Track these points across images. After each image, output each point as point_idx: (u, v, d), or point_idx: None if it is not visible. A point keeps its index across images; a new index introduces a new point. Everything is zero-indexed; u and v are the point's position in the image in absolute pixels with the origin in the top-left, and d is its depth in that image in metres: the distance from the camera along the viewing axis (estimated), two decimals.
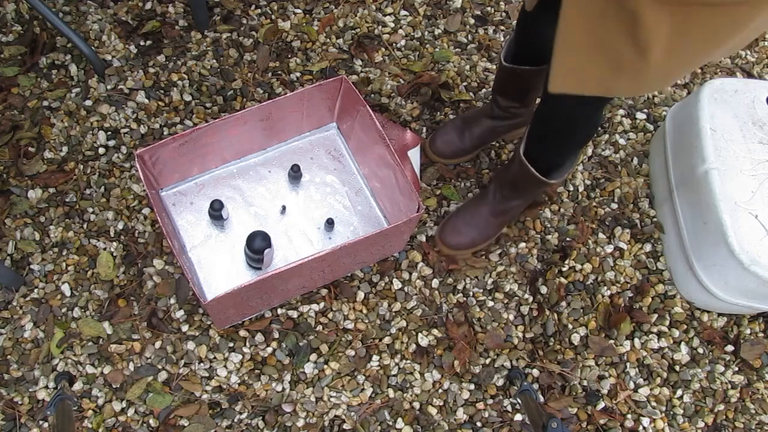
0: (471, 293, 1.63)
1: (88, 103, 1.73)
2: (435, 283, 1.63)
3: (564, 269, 1.68)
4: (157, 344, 1.50)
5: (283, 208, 1.61)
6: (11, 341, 1.48)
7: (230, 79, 1.80)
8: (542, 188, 1.59)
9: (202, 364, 1.49)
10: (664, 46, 0.87)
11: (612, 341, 1.61)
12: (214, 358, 1.50)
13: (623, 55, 0.92)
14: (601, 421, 1.54)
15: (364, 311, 1.58)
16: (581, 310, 1.63)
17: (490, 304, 1.62)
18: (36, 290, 1.53)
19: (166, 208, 1.58)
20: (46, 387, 1.45)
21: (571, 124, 1.29)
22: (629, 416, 1.56)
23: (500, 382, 1.55)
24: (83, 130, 1.70)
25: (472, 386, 1.54)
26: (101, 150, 1.69)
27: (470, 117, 1.73)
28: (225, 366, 1.50)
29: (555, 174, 1.46)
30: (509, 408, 1.53)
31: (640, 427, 1.56)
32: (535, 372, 1.57)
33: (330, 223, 1.57)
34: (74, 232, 1.59)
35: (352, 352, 1.54)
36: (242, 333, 1.52)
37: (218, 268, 1.54)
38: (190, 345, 1.50)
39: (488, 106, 1.70)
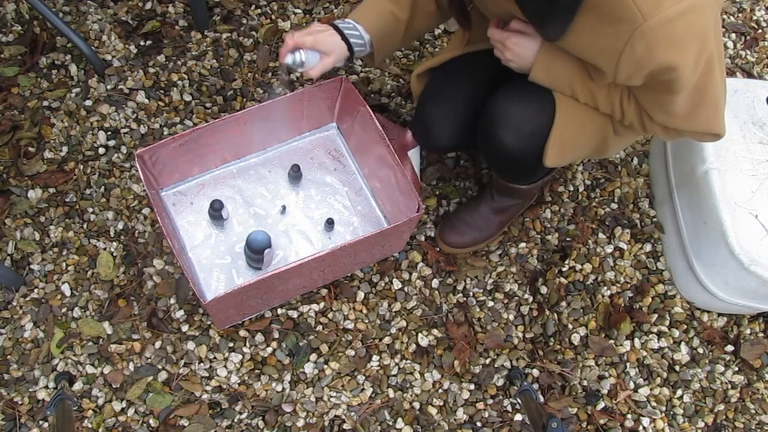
0: (471, 293, 1.63)
1: (88, 103, 1.73)
2: (435, 283, 1.63)
3: (564, 269, 1.68)
4: (157, 344, 1.50)
5: (283, 208, 1.61)
6: (11, 341, 1.48)
7: (230, 79, 1.80)
8: (532, 190, 1.60)
9: (202, 364, 1.49)
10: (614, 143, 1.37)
11: (612, 341, 1.61)
12: (214, 358, 1.50)
13: (594, 146, 1.35)
14: (601, 421, 1.54)
15: (364, 311, 1.58)
16: (581, 310, 1.63)
17: (490, 304, 1.62)
18: (36, 290, 1.53)
19: (166, 208, 1.58)
20: (46, 387, 1.45)
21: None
22: (629, 416, 1.56)
23: (500, 382, 1.55)
24: (83, 130, 1.70)
25: (472, 386, 1.54)
26: (101, 150, 1.68)
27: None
28: (225, 366, 1.50)
29: (533, 182, 1.53)
30: (509, 408, 1.53)
31: (640, 427, 1.56)
32: (535, 372, 1.57)
33: (330, 223, 1.57)
34: (74, 232, 1.59)
35: (352, 352, 1.54)
36: (242, 333, 1.52)
37: (218, 268, 1.54)
38: (190, 345, 1.50)
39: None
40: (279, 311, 1.55)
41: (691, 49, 1.01)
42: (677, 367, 1.62)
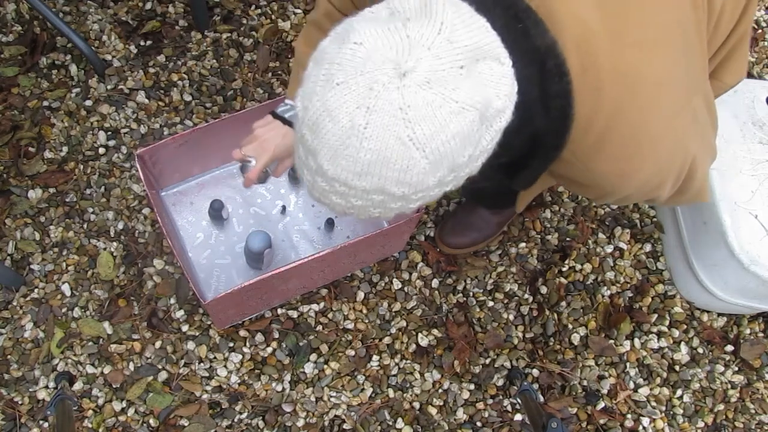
0: (471, 293, 1.63)
1: (88, 103, 1.73)
2: (435, 283, 1.63)
3: (564, 269, 1.68)
4: (157, 344, 1.50)
5: (283, 208, 1.61)
6: (11, 341, 1.48)
7: (230, 79, 1.80)
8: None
9: (202, 364, 1.49)
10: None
11: (612, 341, 1.61)
12: (214, 358, 1.50)
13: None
14: (601, 421, 1.54)
15: (364, 311, 1.58)
16: (581, 310, 1.63)
17: (490, 304, 1.62)
18: (36, 290, 1.53)
19: (166, 208, 1.58)
20: (46, 387, 1.45)
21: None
22: (629, 416, 1.56)
23: (500, 382, 1.55)
24: (83, 130, 1.70)
25: (472, 386, 1.54)
26: (101, 150, 1.68)
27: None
28: (225, 366, 1.50)
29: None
30: (509, 408, 1.54)
31: (640, 427, 1.56)
32: (535, 372, 1.57)
33: (330, 223, 1.57)
34: (74, 232, 1.59)
35: (352, 352, 1.54)
36: (242, 333, 1.52)
37: (218, 268, 1.54)
38: (190, 345, 1.50)
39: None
40: (279, 311, 1.56)
41: (669, 182, 0.91)
42: (677, 367, 1.62)
